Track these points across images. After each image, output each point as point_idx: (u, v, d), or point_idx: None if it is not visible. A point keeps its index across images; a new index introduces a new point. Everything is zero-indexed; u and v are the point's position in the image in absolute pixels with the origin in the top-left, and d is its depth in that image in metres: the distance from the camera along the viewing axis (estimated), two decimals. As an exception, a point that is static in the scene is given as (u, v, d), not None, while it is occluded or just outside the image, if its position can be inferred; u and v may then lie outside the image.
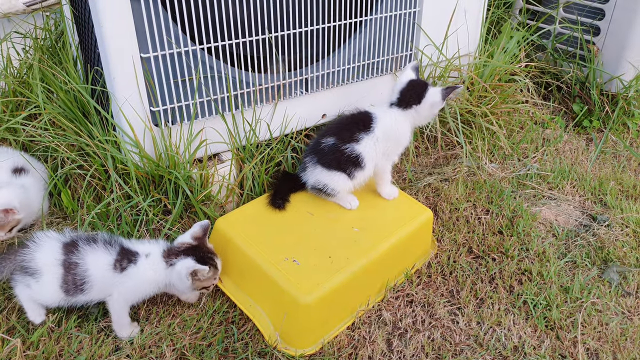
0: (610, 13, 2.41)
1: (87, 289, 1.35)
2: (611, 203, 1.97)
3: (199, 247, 1.42)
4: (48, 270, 1.35)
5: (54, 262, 1.35)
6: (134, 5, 1.48)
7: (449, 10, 2.17)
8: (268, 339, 1.40)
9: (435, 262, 1.68)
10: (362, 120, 1.63)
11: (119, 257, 1.37)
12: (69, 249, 1.36)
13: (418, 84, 1.63)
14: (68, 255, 1.35)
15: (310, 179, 1.66)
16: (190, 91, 1.67)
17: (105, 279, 1.36)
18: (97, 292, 1.37)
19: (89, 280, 1.35)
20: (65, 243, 1.38)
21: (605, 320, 1.50)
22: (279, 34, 1.77)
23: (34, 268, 1.35)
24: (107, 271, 1.36)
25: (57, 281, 1.35)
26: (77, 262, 1.35)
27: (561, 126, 2.49)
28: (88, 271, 1.35)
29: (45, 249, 1.37)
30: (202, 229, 1.43)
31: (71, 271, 1.35)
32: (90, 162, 1.72)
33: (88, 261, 1.36)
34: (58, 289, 1.35)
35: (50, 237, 1.39)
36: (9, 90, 2.00)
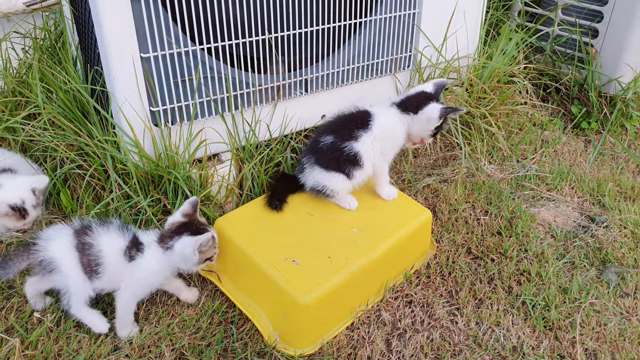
0: (608, 15, 2.43)
1: (101, 272, 1.36)
2: (609, 204, 1.97)
3: (191, 223, 1.41)
4: (65, 259, 1.36)
5: (69, 248, 1.36)
6: (134, 5, 1.49)
7: (448, 12, 2.17)
8: (267, 339, 1.40)
9: (434, 262, 1.69)
10: (360, 118, 1.63)
11: (130, 245, 1.38)
12: (81, 233, 1.37)
13: (425, 96, 1.61)
14: (81, 238, 1.36)
15: (308, 180, 1.66)
16: (190, 91, 1.67)
17: (116, 265, 1.36)
18: (109, 279, 1.38)
19: (102, 262, 1.36)
20: (76, 229, 1.39)
21: (604, 321, 1.51)
22: (279, 35, 1.77)
23: (47, 261, 1.35)
24: (118, 256, 1.36)
25: (77, 266, 1.36)
26: (91, 242, 1.36)
27: (560, 128, 2.50)
28: (102, 252, 1.36)
29: (58, 240, 1.37)
30: (192, 205, 1.43)
31: (85, 252, 1.35)
32: (89, 162, 1.72)
33: (102, 243, 1.36)
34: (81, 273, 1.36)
35: (60, 229, 1.40)
36: (8, 90, 2.00)
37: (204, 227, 1.42)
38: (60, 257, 1.35)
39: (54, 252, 1.35)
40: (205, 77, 1.68)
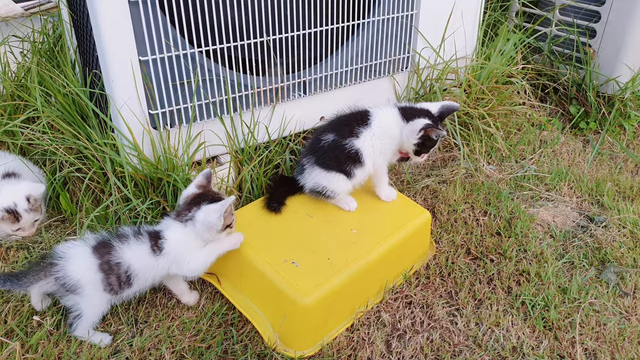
0: (606, 16, 2.43)
1: (134, 281, 1.37)
2: (608, 204, 1.98)
3: (206, 194, 1.42)
4: (88, 282, 1.35)
5: (93, 269, 1.34)
6: (133, 9, 1.49)
7: (446, 13, 2.18)
8: (267, 341, 1.40)
9: (434, 263, 1.69)
10: (360, 116, 1.64)
11: (152, 243, 1.38)
12: (102, 252, 1.36)
13: (424, 113, 1.62)
14: (105, 258, 1.35)
15: (308, 181, 1.66)
16: (189, 94, 1.68)
17: (149, 267, 1.37)
18: (142, 283, 1.39)
19: (134, 273, 1.36)
20: (95, 247, 1.37)
21: (603, 321, 1.51)
22: (277, 37, 1.78)
23: (69, 283, 1.34)
24: (148, 259, 1.37)
25: (100, 286, 1.35)
26: (118, 262, 1.35)
27: (558, 128, 2.50)
28: (131, 266, 1.36)
29: (79, 261, 1.35)
30: (206, 177, 1.45)
31: (114, 272, 1.35)
32: (88, 165, 1.72)
33: (128, 257, 1.36)
34: (102, 292, 1.36)
35: (77, 246, 1.38)
36: (7, 94, 2.00)
37: (219, 196, 1.43)
38: (82, 279, 1.34)
39: (76, 274, 1.34)
40: (203, 79, 1.68)
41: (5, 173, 1.74)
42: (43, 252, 1.66)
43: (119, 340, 1.40)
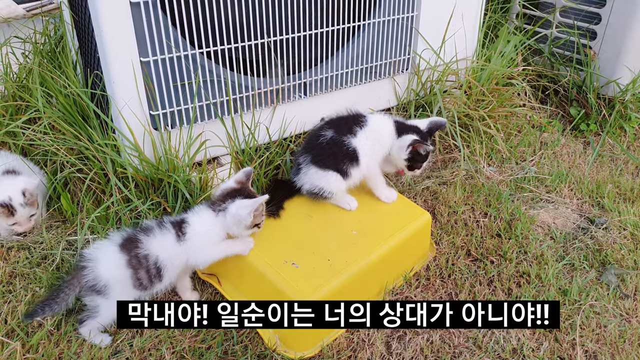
0: (606, 17, 2.43)
1: (164, 273, 1.39)
2: (609, 206, 1.98)
3: (243, 190, 1.46)
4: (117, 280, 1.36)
5: (121, 266, 1.36)
6: (134, 10, 1.49)
7: (446, 15, 2.18)
8: (267, 342, 1.40)
9: (434, 265, 1.69)
10: (357, 116, 1.68)
11: (176, 230, 1.40)
12: (130, 247, 1.38)
13: (413, 129, 1.66)
14: (133, 252, 1.37)
15: (305, 183, 1.66)
16: (190, 95, 1.68)
17: (174, 255, 1.39)
18: (171, 275, 1.42)
19: (163, 265, 1.38)
20: (121, 244, 1.39)
21: (604, 323, 1.51)
22: (278, 38, 1.78)
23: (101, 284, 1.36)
24: (173, 247, 1.39)
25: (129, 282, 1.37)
26: (145, 254, 1.37)
27: (558, 130, 2.51)
28: (159, 257, 1.38)
29: (107, 260, 1.37)
30: (246, 174, 1.49)
31: (143, 266, 1.37)
32: (89, 166, 1.72)
33: (155, 248, 1.38)
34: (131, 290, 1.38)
35: (104, 246, 1.40)
36: (9, 94, 2.00)
37: (254, 194, 1.46)
38: (112, 278, 1.36)
39: (106, 273, 1.36)
40: (204, 80, 1.69)
41: (5, 170, 1.75)
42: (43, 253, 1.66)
43: (119, 341, 1.40)
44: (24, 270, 1.59)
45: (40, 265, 1.62)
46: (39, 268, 1.60)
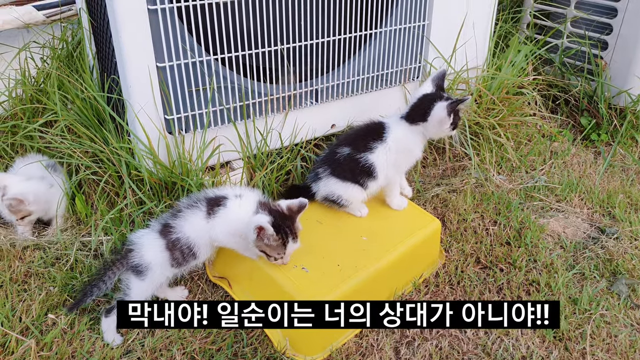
0: (617, 28, 2.44)
1: (197, 250, 1.44)
2: (620, 216, 1.97)
3: (286, 217, 1.40)
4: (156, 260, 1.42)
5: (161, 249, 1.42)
6: (152, 17, 1.53)
7: (457, 24, 2.20)
8: (277, 345, 1.42)
9: (443, 271, 1.69)
10: (375, 130, 1.66)
11: (209, 208, 1.43)
12: (165, 232, 1.43)
13: (427, 99, 1.63)
14: (168, 236, 1.42)
15: (322, 190, 1.68)
16: (204, 100, 1.71)
17: (203, 231, 1.42)
18: (204, 251, 1.46)
19: (194, 244, 1.43)
20: (159, 230, 1.44)
21: (614, 332, 1.50)
22: (291, 46, 1.81)
23: (144, 265, 1.41)
24: (203, 224, 1.42)
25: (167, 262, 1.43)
26: (178, 237, 1.41)
27: (569, 139, 2.50)
28: (190, 237, 1.42)
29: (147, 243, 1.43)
30: (300, 205, 1.42)
31: (177, 247, 1.41)
32: (104, 169, 1.75)
33: (186, 229, 1.42)
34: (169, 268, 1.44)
35: (145, 232, 1.46)
36: (26, 97, 2.05)
37: (287, 229, 1.41)
38: (153, 260, 1.42)
39: (148, 256, 1.42)
40: (218, 86, 1.72)
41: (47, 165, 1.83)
42: (58, 253, 1.69)
43: (130, 341, 1.42)
44: (39, 270, 1.62)
45: (54, 265, 1.65)
46: (53, 268, 1.63)
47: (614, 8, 2.45)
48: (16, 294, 1.54)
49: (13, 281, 1.59)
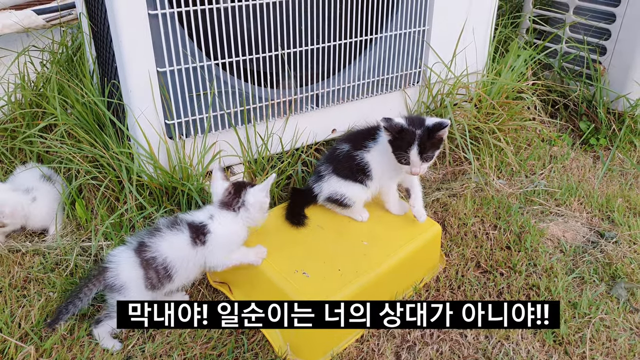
0: (616, 33, 2.45)
1: (174, 274, 1.40)
2: (619, 220, 1.98)
3: (237, 182, 1.48)
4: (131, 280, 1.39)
5: (135, 266, 1.39)
6: (152, 22, 1.53)
7: (457, 29, 2.21)
8: (278, 350, 1.41)
9: (444, 276, 1.69)
10: (372, 130, 1.67)
11: (193, 234, 1.40)
12: (140, 250, 1.40)
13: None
14: (143, 254, 1.39)
15: (325, 189, 1.68)
16: (205, 105, 1.71)
17: (189, 258, 1.40)
18: (183, 275, 1.42)
19: (172, 265, 1.39)
20: (135, 248, 1.41)
21: (614, 336, 1.51)
22: (291, 51, 1.81)
23: (118, 284, 1.38)
24: (187, 249, 1.39)
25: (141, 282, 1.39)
26: (154, 256, 1.38)
27: (568, 144, 2.51)
28: (167, 258, 1.39)
29: (123, 261, 1.40)
30: (220, 170, 1.50)
31: (151, 266, 1.38)
32: (104, 174, 1.75)
33: (163, 249, 1.39)
34: (143, 289, 1.40)
35: (122, 250, 1.42)
36: (26, 102, 2.05)
37: (254, 183, 1.49)
38: (128, 278, 1.39)
39: (123, 274, 1.39)
40: (219, 91, 1.72)
41: (41, 175, 1.82)
42: (58, 258, 1.69)
43: (130, 346, 1.42)
44: (39, 275, 1.62)
45: (54, 271, 1.64)
46: (53, 273, 1.63)
47: (612, 14, 2.46)
48: (15, 299, 1.53)
49: (12, 287, 1.58)
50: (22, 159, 1.97)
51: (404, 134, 1.50)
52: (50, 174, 1.85)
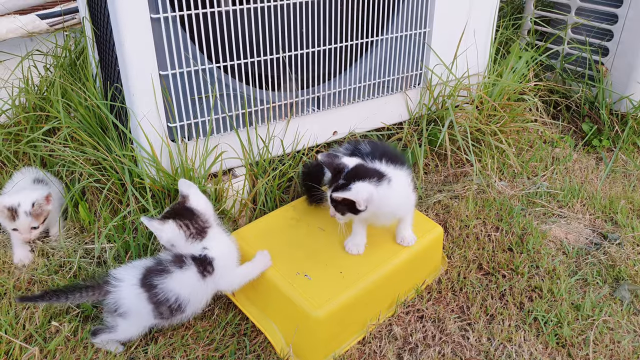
0: (618, 34, 2.45)
1: (185, 306, 1.39)
2: (622, 222, 1.97)
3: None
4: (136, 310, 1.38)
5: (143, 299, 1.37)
6: (154, 25, 1.54)
7: (458, 31, 2.21)
8: (280, 352, 1.42)
9: (446, 278, 1.69)
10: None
11: (200, 267, 1.38)
12: (149, 287, 1.36)
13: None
14: (154, 293, 1.36)
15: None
16: (207, 108, 1.72)
17: (200, 290, 1.39)
18: (193, 307, 1.42)
19: (185, 300, 1.38)
20: (141, 280, 1.37)
21: (617, 338, 1.50)
22: (292, 54, 1.82)
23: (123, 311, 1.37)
24: (197, 283, 1.38)
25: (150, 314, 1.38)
26: (167, 297, 1.36)
27: (570, 145, 2.51)
28: (180, 295, 1.37)
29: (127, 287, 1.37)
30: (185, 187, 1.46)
31: (163, 305, 1.36)
32: (107, 176, 1.76)
33: (175, 287, 1.36)
34: (152, 319, 1.39)
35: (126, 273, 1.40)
36: (29, 106, 2.06)
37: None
38: (133, 308, 1.37)
39: (128, 301, 1.36)
40: (221, 94, 1.73)
41: (35, 178, 1.82)
42: (61, 260, 1.70)
43: (133, 348, 1.42)
44: (42, 277, 1.63)
45: (58, 273, 1.65)
46: (56, 275, 1.64)
47: (614, 14, 2.46)
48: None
49: (17, 289, 1.59)
50: (26, 162, 1.98)
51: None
52: (42, 178, 1.84)
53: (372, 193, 1.36)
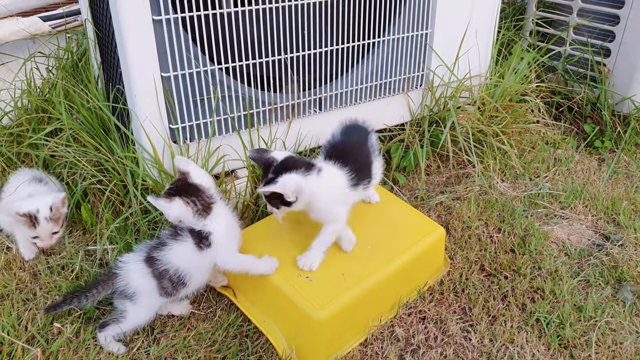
0: (620, 35, 2.45)
1: (188, 279, 1.41)
2: (624, 223, 1.97)
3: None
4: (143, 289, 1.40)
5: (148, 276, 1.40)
6: (156, 27, 1.54)
7: (460, 32, 2.21)
8: (281, 354, 1.42)
9: (448, 279, 1.69)
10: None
11: (196, 239, 1.39)
12: (151, 262, 1.40)
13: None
14: (154, 266, 1.39)
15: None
16: (209, 109, 1.72)
17: (198, 262, 1.41)
18: (198, 280, 1.45)
19: (185, 272, 1.40)
20: (145, 259, 1.41)
21: (620, 340, 1.50)
22: (294, 55, 1.82)
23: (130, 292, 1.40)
24: (193, 255, 1.39)
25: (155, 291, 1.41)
26: (166, 268, 1.39)
27: (573, 146, 2.50)
28: (179, 267, 1.39)
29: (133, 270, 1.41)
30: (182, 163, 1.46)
31: (165, 277, 1.39)
32: (109, 178, 1.76)
33: (171, 259, 1.39)
34: (159, 297, 1.42)
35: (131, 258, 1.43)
36: (32, 107, 2.07)
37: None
38: (140, 287, 1.40)
39: (134, 281, 1.40)
40: (223, 95, 1.73)
41: (34, 177, 1.81)
42: (63, 262, 1.70)
43: (135, 349, 1.43)
44: (44, 279, 1.63)
45: (60, 274, 1.65)
46: (59, 277, 1.64)
47: (616, 15, 2.46)
48: (22, 303, 1.54)
49: (19, 290, 1.59)
50: (29, 163, 1.98)
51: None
52: (41, 177, 1.84)
53: (299, 184, 1.37)
